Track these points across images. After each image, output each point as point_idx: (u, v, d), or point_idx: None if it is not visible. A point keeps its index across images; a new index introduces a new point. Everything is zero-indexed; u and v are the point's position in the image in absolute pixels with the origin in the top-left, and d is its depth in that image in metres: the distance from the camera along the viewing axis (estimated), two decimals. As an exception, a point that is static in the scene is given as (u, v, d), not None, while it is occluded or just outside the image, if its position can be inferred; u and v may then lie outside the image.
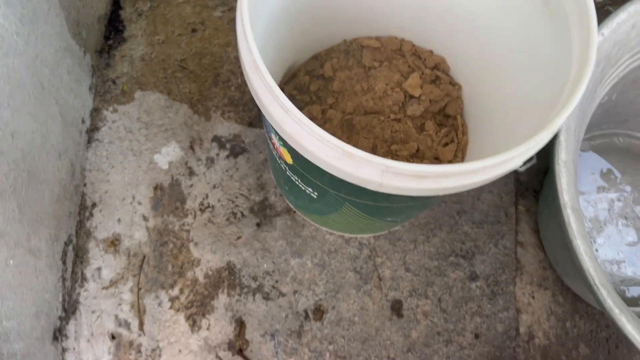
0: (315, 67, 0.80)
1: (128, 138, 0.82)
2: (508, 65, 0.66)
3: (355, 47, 0.81)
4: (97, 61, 0.83)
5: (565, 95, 0.49)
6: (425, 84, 0.76)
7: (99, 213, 0.78)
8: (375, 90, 0.74)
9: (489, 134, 0.71)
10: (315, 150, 0.47)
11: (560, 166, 0.58)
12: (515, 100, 0.65)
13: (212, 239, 0.79)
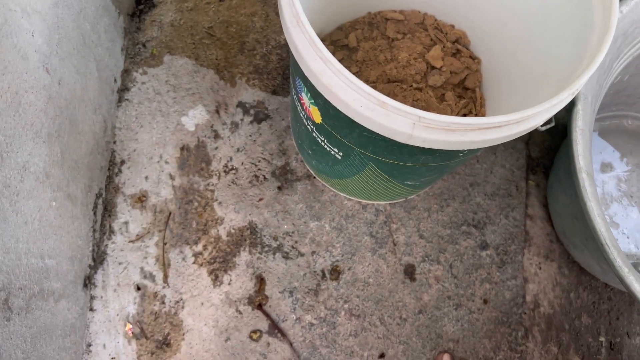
0: (340, 38, 0.83)
1: (157, 100, 0.85)
2: (529, 35, 0.69)
3: (379, 19, 0.83)
4: (129, 24, 0.86)
5: (587, 60, 0.52)
6: (446, 56, 0.79)
7: (127, 170, 0.81)
8: (398, 59, 0.77)
9: (506, 106, 0.74)
10: (350, 102, 0.50)
11: (577, 133, 0.61)
12: (535, 71, 0.67)
13: (236, 199, 0.82)
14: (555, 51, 0.63)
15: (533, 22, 0.67)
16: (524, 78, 0.70)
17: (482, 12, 0.76)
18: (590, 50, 0.53)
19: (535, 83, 0.67)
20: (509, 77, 0.74)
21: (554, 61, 0.62)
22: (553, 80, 0.61)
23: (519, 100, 0.70)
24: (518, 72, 0.72)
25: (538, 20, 0.66)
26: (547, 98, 0.58)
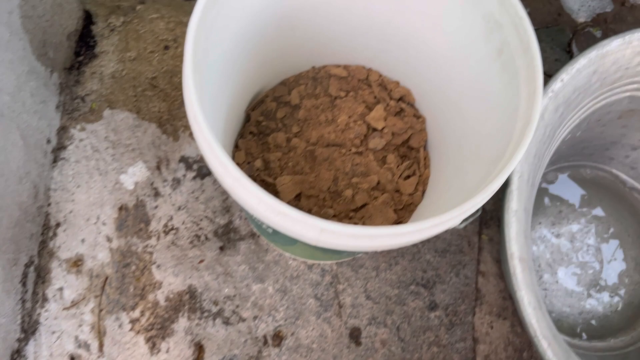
0: (283, 94, 0.80)
1: (95, 157, 0.82)
2: (465, 104, 0.66)
3: (323, 74, 0.81)
4: (66, 78, 0.83)
5: (505, 158, 0.50)
6: (389, 116, 0.76)
7: (62, 233, 0.79)
8: (338, 122, 0.74)
9: (450, 167, 0.71)
10: (255, 205, 0.47)
11: (510, 215, 0.59)
12: (471, 138, 0.65)
13: (175, 261, 0.80)
14: (490, 121, 0.60)
15: (470, 86, 0.65)
16: (464, 140, 0.67)
17: (422, 75, 0.73)
18: (513, 144, 0.51)
19: (475, 147, 0.64)
20: (451, 137, 0.71)
21: (490, 132, 0.60)
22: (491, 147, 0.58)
23: (461, 162, 0.68)
24: (459, 134, 0.69)
25: (474, 85, 0.63)
26: (485, 167, 0.55)
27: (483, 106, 0.61)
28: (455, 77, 0.66)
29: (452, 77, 0.67)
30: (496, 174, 0.48)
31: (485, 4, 0.56)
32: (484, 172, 0.56)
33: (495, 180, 0.47)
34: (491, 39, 0.57)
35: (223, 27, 0.56)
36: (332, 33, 0.74)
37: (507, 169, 0.47)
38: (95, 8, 0.90)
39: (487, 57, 0.58)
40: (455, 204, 0.55)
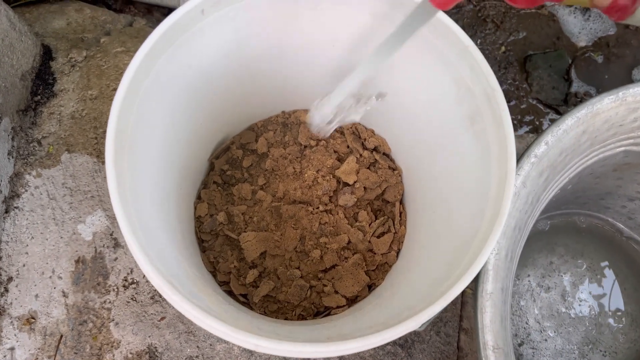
0: (250, 141, 0.75)
1: (51, 206, 0.77)
2: (438, 165, 0.61)
3: (293, 120, 0.75)
4: (21, 121, 0.78)
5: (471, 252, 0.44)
6: (362, 168, 0.71)
7: (15, 288, 0.74)
8: (305, 177, 0.69)
9: (424, 229, 0.65)
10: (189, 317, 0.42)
11: (484, 299, 0.53)
12: (443, 204, 0.59)
13: (134, 318, 0.75)
14: (459, 198, 0.54)
15: (444, 148, 0.59)
16: (440, 204, 0.61)
17: (398, 125, 0.67)
18: (482, 233, 0.45)
19: (446, 218, 0.58)
20: (427, 196, 0.66)
21: (459, 210, 0.54)
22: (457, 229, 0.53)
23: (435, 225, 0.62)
24: (433, 196, 0.63)
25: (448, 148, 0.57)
26: (459, 234, 0.50)
27: (455, 173, 0.56)
28: (429, 134, 0.61)
29: (426, 133, 0.61)
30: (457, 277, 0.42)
31: (456, 67, 0.50)
32: (457, 244, 0.50)
33: (455, 287, 0.41)
34: (463, 105, 0.51)
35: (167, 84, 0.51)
36: (300, 79, 0.68)
37: (469, 272, 0.41)
38: (56, 42, 0.84)
39: (459, 123, 0.52)
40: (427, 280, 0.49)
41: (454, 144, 0.54)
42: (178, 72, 0.50)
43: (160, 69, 0.46)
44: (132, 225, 0.41)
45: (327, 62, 0.61)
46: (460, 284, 0.41)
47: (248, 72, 0.60)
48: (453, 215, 0.54)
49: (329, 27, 0.54)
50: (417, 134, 0.62)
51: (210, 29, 0.49)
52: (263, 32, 0.54)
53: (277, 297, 0.67)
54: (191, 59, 0.50)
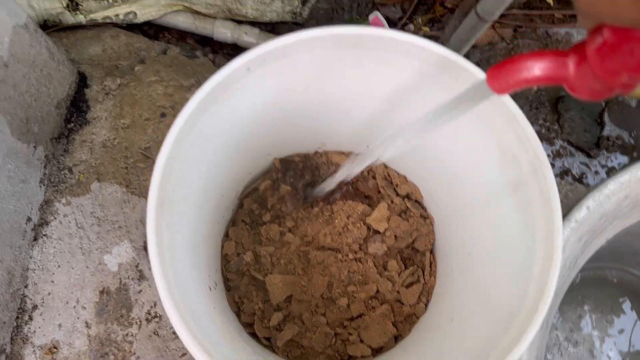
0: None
1: (78, 235, 0.77)
2: (475, 223, 0.60)
3: (324, 161, 0.74)
4: (54, 149, 0.79)
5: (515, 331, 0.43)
6: (392, 215, 0.70)
7: (39, 317, 0.74)
8: (335, 223, 0.68)
9: (456, 284, 0.64)
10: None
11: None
12: (479, 265, 0.58)
13: (156, 353, 0.74)
14: (497, 266, 0.53)
15: (478, 213, 0.58)
16: (474, 263, 0.60)
17: (433, 174, 0.66)
18: (525, 311, 0.44)
19: (481, 283, 0.57)
20: (461, 250, 0.64)
21: (496, 277, 0.53)
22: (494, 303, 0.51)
23: (469, 283, 0.61)
24: (468, 252, 0.62)
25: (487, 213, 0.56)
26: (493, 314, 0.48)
27: (493, 237, 0.54)
28: (467, 192, 0.60)
29: (464, 190, 0.60)
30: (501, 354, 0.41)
31: (502, 133, 0.49)
32: (493, 318, 0.49)
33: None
34: (506, 171, 0.50)
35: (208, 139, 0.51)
36: (335, 127, 0.68)
37: (512, 356, 0.40)
38: (91, 69, 0.85)
39: (501, 188, 0.51)
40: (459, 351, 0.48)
41: (493, 207, 0.53)
42: (218, 127, 0.49)
43: (202, 126, 0.46)
44: (169, 287, 0.41)
45: (365, 114, 0.60)
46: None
47: (285, 121, 0.60)
48: (488, 281, 0.53)
49: (371, 82, 0.54)
50: (453, 189, 0.61)
51: (253, 84, 0.48)
52: (304, 86, 0.53)
53: (301, 343, 0.66)
54: (232, 113, 0.50)
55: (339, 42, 0.47)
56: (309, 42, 0.46)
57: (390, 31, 0.46)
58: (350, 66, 0.50)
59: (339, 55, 0.48)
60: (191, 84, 0.87)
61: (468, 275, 0.58)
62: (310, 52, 0.47)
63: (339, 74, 0.52)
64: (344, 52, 0.48)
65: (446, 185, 0.62)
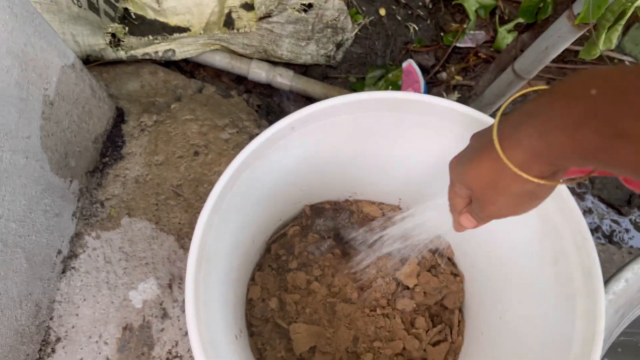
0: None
1: (106, 269, 0.78)
2: (509, 287, 0.58)
3: (354, 209, 0.74)
4: (88, 182, 0.80)
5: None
6: (422, 271, 0.69)
7: (61, 350, 0.74)
8: (363, 278, 0.67)
9: (487, 343, 0.63)
10: None
11: None
12: (511, 334, 0.57)
13: (175, 395, 0.74)
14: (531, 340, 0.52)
15: (513, 280, 0.57)
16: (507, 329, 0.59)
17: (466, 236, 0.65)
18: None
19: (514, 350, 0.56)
20: (492, 313, 0.63)
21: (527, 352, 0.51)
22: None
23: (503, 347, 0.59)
24: (498, 317, 0.61)
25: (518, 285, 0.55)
26: None
27: (528, 305, 0.53)
28: (501, 254, 0.59)
29: (498, 252, 0.59)
30: None
31: (543, 205, 0.48)
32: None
33: None
34: (546, 243, 0.49)
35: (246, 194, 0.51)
36: (369, 181, 0.68)
37: None
38: (129, 105, 0.87)
39: (539, 257, 0.51)
40: None
41: (530, 274, 0.52)
42: (258, 181, 0.50)
43: (244, 180, 0.46)
44: (204, 345, 0.40)
45: (401, 171, 0.60)
46: None
47: (319, 172, 0.60)
48: (521, 350, 0.52)
49: (409, 141, 0.54)
50: (488, 249, 0.61)
51: (295, 141, 0.49)
52: (342, 142, 0.54)
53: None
54: (272, 168, 0.50)
55: (379, 106, 0.47)
56: (352, 105, 0.46)
57: (432, 97, 0.46)
58: (390, 127, 0.51)
59: (378, 116, 0.49)
60: (225, 123, 0.89)
61: (499, 340, 0.57)
62: (352, 114, 0.48)
63: (377, 133, 0.53)
64: (384, 114, 0.48)
65: (480, 244, 0.62)
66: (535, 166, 0.31)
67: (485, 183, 0.35)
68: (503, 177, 0.33)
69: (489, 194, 0.35)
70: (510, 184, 0.33)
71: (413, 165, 0.59)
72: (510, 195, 0.34)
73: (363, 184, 0.70)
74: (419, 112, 0.49)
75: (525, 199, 0.34)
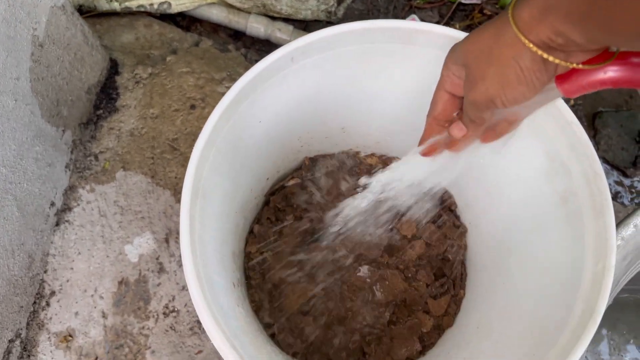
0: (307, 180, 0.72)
1: (100, 223, 0.76)
2: (514, 237, 0.57)
3: (356, 162, 0.72)
4: (81, 134, 0.78)
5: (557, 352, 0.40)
6: (423, 222, 0.67)
7: (56, 303, 0.73)
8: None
9: (491, 294, 0.61)
10: None
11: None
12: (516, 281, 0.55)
13: (171, 348, 0.73)
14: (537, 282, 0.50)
15: (520, 225, 0.55)
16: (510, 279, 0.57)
17: (469, 180, 0.63)
18: (569, 331, 0.41)
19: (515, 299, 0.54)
20: (495, 264, 0.62)
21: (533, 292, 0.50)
22: (532, 321, 0.49)
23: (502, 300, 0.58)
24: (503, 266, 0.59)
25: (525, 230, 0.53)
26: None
27: (536, 251, 0.52)
28: (507, 201, 0.57)
29: (503, 199, 0.57)
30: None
31: (552, 140, 0.46)
32: (535, 334, 0.46)
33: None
34: (555, 181, 0.47)
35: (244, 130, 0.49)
36: (373, 125, 0.65)
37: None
38: (123, 57, 0.84)
39: (548, 198, 0.49)
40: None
41: (537, 218, 0.51)
42: (255, 117, 0.48)
43: (239, 115, 0.44)
44: (200, 283, 0.39)
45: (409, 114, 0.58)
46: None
47: (319, 118, 0.58)
48: (528, 296, 0.50)
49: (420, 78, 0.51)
50: (492, 198, 0.59)
51: (295, 75, 0.47)
52: (345, 82, 0.51)
53: (321, 349, 0.64)
54: (270, 104, 0.48)
55: (389, 36, 0.45)
56: (358, 34, 0.44)
57: (449, 29, 0.44)
58: (399, 62, 0.48)
59: (388, 50, 0.46)
60: (223, 77, 0.86)
61: (504, 289, 0.56)
62: (358, 45, 0.45)
63: (386, 69, 0.50)
64: (394, 47, 0.46)
65: (484, 194, 0.60)
66: (536, 29, 0.29)
67: (479, 51, 0.33)
68: (499, 43, 0.31)
69: (481, 65, 0.33)
70: (504, 51, 0.31)
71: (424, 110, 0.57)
72: (500, 66, 0.32)
73: (365, 136, 0.67)
74: (432, 45, 0.46)
75: (514, 74, 0.31)
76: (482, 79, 0.34)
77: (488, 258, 0.62)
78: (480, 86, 0.34)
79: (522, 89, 0.33)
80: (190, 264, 0.38)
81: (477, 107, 0.36)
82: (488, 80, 0.33)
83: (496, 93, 0.34)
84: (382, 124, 0.62)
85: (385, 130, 0.66)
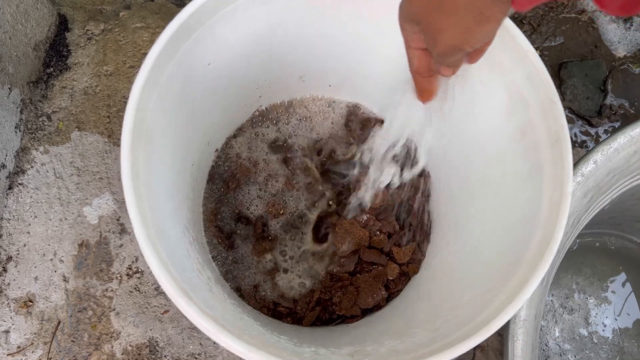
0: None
1: (57, 185, 0.73)
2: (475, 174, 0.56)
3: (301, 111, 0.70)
4: (31, 93, 0.74)
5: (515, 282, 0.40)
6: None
7: (14, 269, 0.71)
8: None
9: (454, 241, 0.61)
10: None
11: (517, 326, 0.49)
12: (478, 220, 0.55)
13: (137, 309, 0.71)
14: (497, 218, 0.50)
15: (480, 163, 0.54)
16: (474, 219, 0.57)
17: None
18: (527, 261, 0.41)
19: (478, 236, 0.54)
20: (459, 207, 0.61)
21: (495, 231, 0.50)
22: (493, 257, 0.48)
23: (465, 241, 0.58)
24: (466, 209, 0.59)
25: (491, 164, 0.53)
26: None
27: (496, 188, 0.51)
28: (467, 141, 0.56)
29: (463, 139, 0.57)
30: (500, 306, 0.38)
31: (510, 73, 0.45)
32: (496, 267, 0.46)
33: (499, 317, 0.37)
34: (514, 115, 0.46)
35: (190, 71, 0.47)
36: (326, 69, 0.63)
37: (515, 303, 0.37)
38: (73, 12, 0.80)
39: (507, 135, 0.48)
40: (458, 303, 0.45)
41: (497, 156, 0.50)
42: (203, 58, 0.45)
43: (184, 53, 0.42)
44: (145, 225, 0.37)
45: (364, 56, 0.56)
46: (505, 315, 0.37)
47: (277, 61, 0.56)
48: (490, 234, 0.50)
49: (374, 20, 0.49)
50: (454, 136, 0.58)
51: (243, 11, 0.44)
52: (299, 19, 0.49)
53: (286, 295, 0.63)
54: (218, 43, 0.46)
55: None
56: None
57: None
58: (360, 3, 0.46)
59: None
60: (179, 32, 0.83)
61: (468, 232, 0.55)
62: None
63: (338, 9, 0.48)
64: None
65: (445, 135, 0.59)
66: None
67: (427, 4, 0.32)
68: None
69: (435, 19, 0.32)
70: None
71: (383, 52, 0.55)
72: (457, 14, 0.30)
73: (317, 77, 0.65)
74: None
75: (474, 19, 0.30)
76: (440, 32, 0.32)
77: (450, 203, 0.61)
78: (442, 39, 0.33)
79: (487, 27, 0.32)
80: (134, 207, 0.36)
81: (446, 57, 0.35)
82: (449, 31, 0.32)
83: (461, 41, 0.32)
84: (337, 69, 0.60)
85: (341, 76, 0.64)
